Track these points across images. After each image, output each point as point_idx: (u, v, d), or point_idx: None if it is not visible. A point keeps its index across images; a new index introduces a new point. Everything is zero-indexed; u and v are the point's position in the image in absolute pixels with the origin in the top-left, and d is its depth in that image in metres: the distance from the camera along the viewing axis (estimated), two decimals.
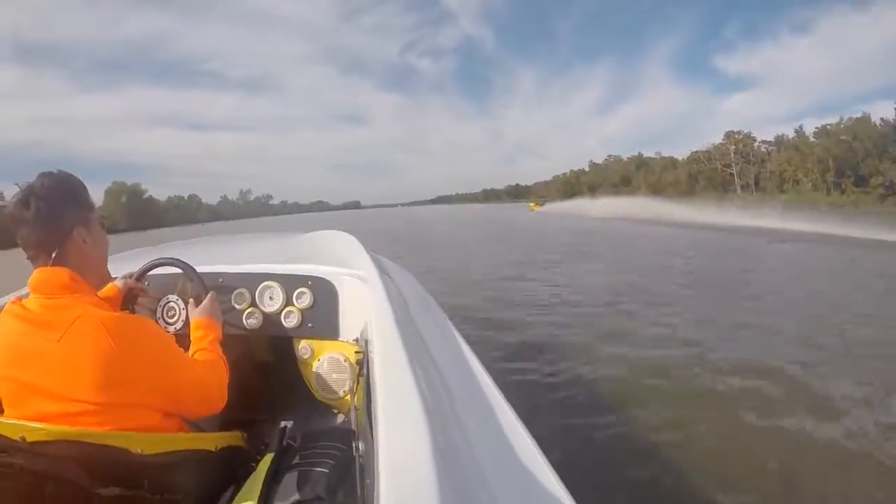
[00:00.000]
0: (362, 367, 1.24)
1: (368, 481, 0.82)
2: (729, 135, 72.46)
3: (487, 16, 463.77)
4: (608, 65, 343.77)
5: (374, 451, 0.71)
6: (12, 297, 1.10)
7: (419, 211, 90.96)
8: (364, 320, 1.37)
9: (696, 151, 76.73)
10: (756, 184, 65.97)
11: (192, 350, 1.21)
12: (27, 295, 0.95)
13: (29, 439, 0.78)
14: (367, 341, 1.26)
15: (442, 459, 0.63)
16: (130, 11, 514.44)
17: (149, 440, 0.89)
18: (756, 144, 69.90)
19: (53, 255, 0.94)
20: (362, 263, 1.61)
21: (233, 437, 1.15)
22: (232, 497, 0.96)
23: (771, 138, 68.84)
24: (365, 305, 1.38)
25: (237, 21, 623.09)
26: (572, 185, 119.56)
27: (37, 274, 0.93)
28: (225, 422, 1.28)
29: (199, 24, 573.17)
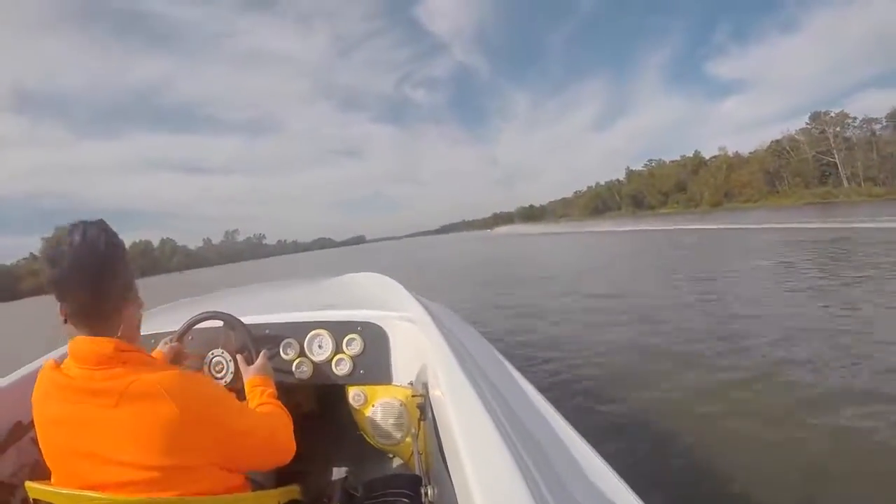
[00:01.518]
0: (424, 411, 1.19)
1: None
2: (816, 116, 58.44)
3: (479, 43, 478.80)
4: (601, 81, 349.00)
5: (452, 495, 0.72)
6: (46, 359, 0.99)
7: (426, 242, 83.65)
8: (418, 363, 1.38)
9: (777, 141, 62.25)
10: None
11: (252, 405, 1.18)
12: (63, 357, 0.88)
13: None
14: (424, 384, 1.24)
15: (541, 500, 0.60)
16: (130, 59, 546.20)
17: (215, 502, 0.86)
18: (854, 123, 55.59)
19: (111, 322, 0.88)
20: (409, 305, 1.58)
21: (291, 492, 1.11)
22: None
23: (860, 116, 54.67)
24: (417, 348, 1.38)
25: (234, 63, 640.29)
26: (604, 200, 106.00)
27: (82, 343, 0.85)
28: (280, 475, 1.26)
29: (197, 69, 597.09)
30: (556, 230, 49.14)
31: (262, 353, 1.37)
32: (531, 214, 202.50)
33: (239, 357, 1.37)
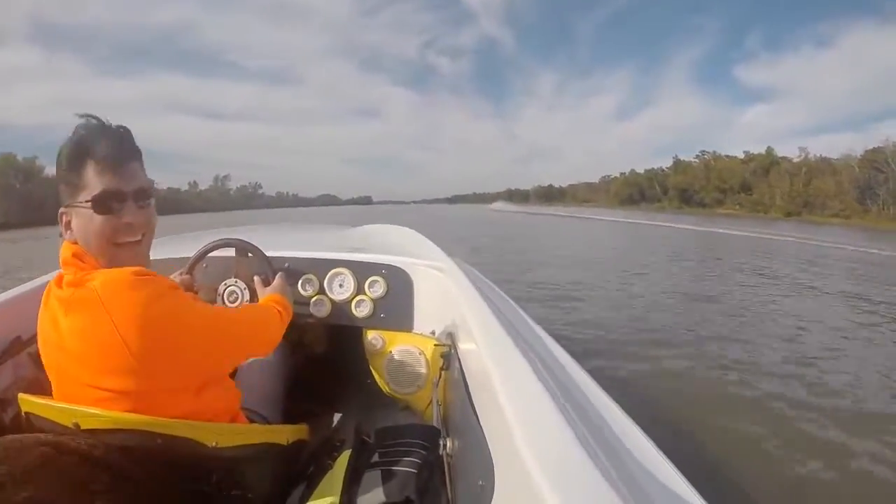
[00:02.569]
0: (448, 361, 1.15)
1: (465, 480, 0.78)
2: None
3: (508, 17, 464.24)
4: (628, 71, 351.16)
5: (482, 446, 0.67)
6: (42, 279, 1.02)
7: (439, 210, 74.27)
8: (443, 313, 1.36)
9: (876, 149, 51.88)
10: None
11: None
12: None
13: (83, 426, 0.70)
14: (450, 334, 1.24)
15: (593, 455, 0.54)
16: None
17: (223, 431, 0.81)
18: None
19: (62, 218, 0.85)
20: (437, 255, 1.55)
21: (299, 431, 1.09)
22: (307, 495, 0.91)
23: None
24: (444, 297, 1.36)
25: (260, 12, 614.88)
26: (642, 189, 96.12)
27: (62, 250, 0.83)
28: (287, 413, 1.24)
29: (223, 15, 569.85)
30: (583, 215, 44.88)
31: (279, 274, 1.32)
32: (549, 194, 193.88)
33: (256, 279, 1.32)
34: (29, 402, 0.78)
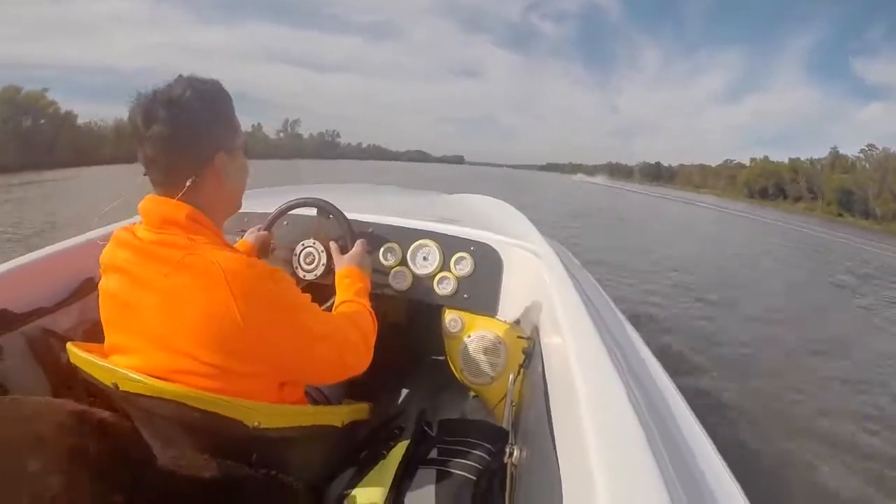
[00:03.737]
0: (530, 358, 1.05)
1: (527, 498, 0.72)
2: None
3: None
4: (737, 52, 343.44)
5: (551, 462, 0.60)
6: (123, 223, 0.98)
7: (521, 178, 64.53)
8: (531, 301, 1.24)
9: None
10: None
11: (337, 300, 1.08)
12: (138, 222, 0.82)
13: (122, 388, 0.69)
14: (535, 327, 1.11)
15: (672, 494, 0.48)
16: None
17: (270, 412, 0.75)
18: None
19: (188, 182, 0.77)
20: (533, 237, 1.44)
21: (359, 410, 1.04)
22: (355, 482, 0.88)
23: None
24: (536, 285, 1.24)
25: None
26: (781, 183, 79.28)
27: (150, 202, 0.79)
28: (351, 387, 1.21)
29: None
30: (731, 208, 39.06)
31: (358, 242, 1.25)
32: (656, 173, 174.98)
33: (333, 245, 1.27)
34: (74, 354, 0.77)
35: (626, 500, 0.46)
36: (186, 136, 0.77)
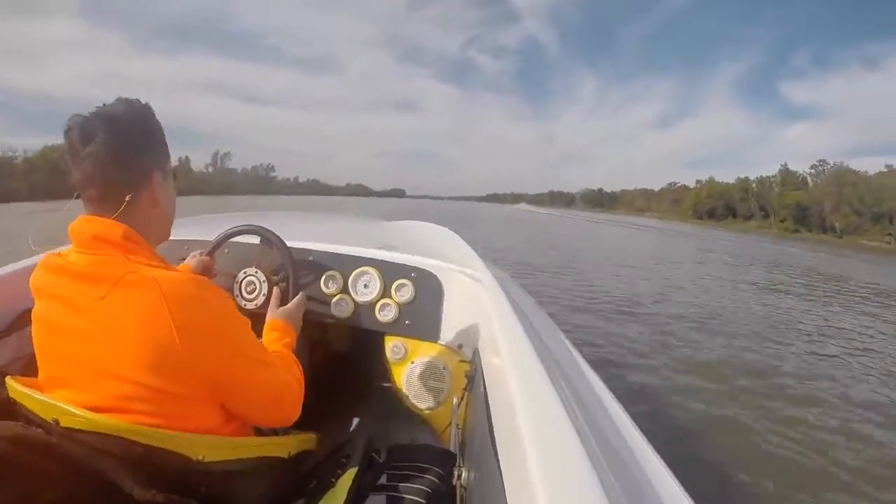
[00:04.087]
0: (472, 381, 1.09)
1: None
2: None
3: (554, 19, 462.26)
4: (671, 80, 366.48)
5: (496, 482, 0.60)
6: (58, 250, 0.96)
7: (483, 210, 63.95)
8: (473, 325, 1.28)
9: None
10: None
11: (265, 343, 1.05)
12: (67, 249, 0.78)
13: (62, 423, 0.66)
14: (476, 350, 1.16)
15: None
16: None
17: (214, 445, 0.73)
18: None
19: (127, 198, 0.75)
20: (473, 262, 1.43)
21: (307, 440, 1.03)
22: None
23: None
24: (475, 309, 1.26)
25: None
26: (730, 202, 79.37)
27: (82, 222, 0.74)
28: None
29: None
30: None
31: (300, 296, 1.22)
32: (597, 200, 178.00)
33: (275, 291, 1.26)
34: (13, 389, 0.73)
35: None
36: (126, 153, 0.75)
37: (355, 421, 1.42)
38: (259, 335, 0.92)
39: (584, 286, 8.47)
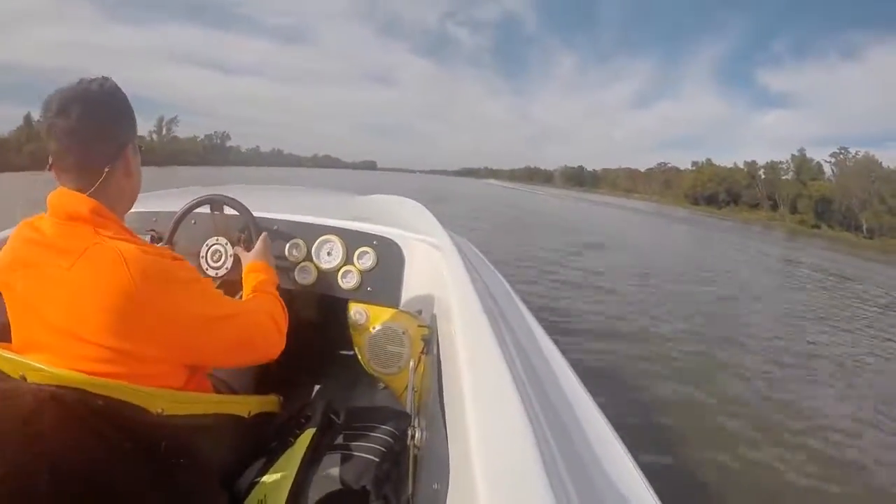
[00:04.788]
0: (428, 345, 1.13)
1: (427, 477, 0.75)
2: None
3: None
4: (650, 60, 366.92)
5: (444, 443, 0.64)
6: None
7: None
8: (432, 292, 1.30)
9: None
10: None
11: (245, 293, 1.10)
12: (42, 215, 0.82)
13: (29, 379, 0.70)
14: (434, 317, 1.18)
15: (549, 470, 0.51)
16: None
17: (172, 398, 0.77)
18: None
19: (106, 171, 0.80)
20: (435, 231, 1.48)
21: (268, 402, 1.05)
22: (263, 470, 0.90)
23: None
24: (435, 276, 1.29)
25: None
26: (732, 188, 73.60)
27: (60, 195, 0.79)
28: (260, 381, 1.22)
29: None
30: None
31: (262, 236, 1.25)
32: (578, 178, 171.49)
33: (238, 248, 1.28)
34: None
35: (504, 477, 0.48)
36: (103, 127, 0.80)
37: (317, 388, 1.43)
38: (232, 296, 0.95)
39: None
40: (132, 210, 0.91)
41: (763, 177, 68.90)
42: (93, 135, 0.78)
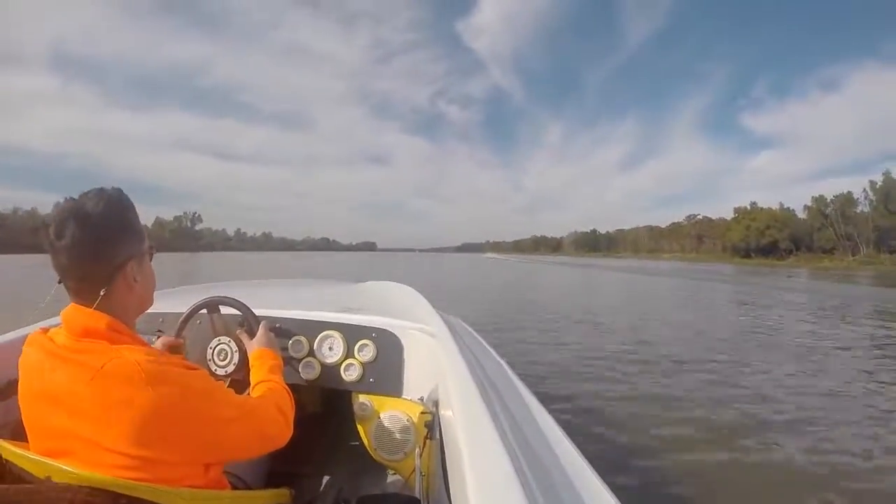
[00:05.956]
0: (431, 430, 1.17)
1: None
2: None
3: (517, 67, 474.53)
4: (635, 120, 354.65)
5: None
6: (39, 326, 1.04)
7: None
8: (431, 379, 1.34)
9: None
10: None
11: (252, 381, 1.14)
12: (56, 326, 0.85)
13: (55, 479, 0.72)
14: (435, 402, 1.23)
15: None
16: (173, 35, 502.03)
17: (192, 497, 0.80)
18: None
19: (102, 292, 0.81)
20: (429, 318, 1.53)
21: (280, 495, 1.07)
22: None
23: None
24: (433, 363, 1.34)
25: (276, 55, 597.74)
26: (795, 230, 61.60)
27: (73, 311, 0.81)
28: (271, 474, 1.28)
29: (239, 55, 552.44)
30: None
31: (262, 325, 1.32)
32: (591, 242, 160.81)
33: (241, 333, 1.35)
34: (6, 450, 0.78)
35: None
36: (98, 248, 0.80)
37: (326, 478, 1.48)
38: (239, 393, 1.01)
39: None
40: None
41: (834, 214, 56.86)
42: (88, 256, 0.78)
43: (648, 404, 4.48)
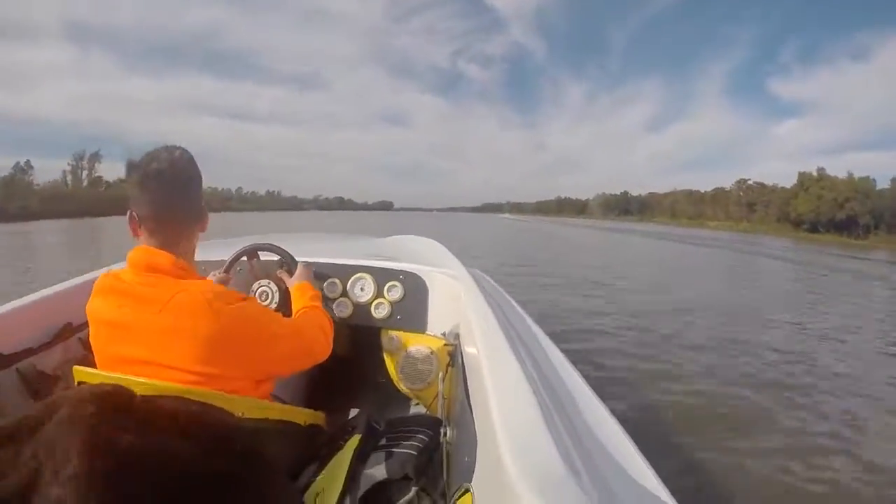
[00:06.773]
0: (453, 359, 1.29)
1: (458, 467, 0.92)
2: None
3: (540, 25, 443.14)
4: (659, 82, 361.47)
5: (473, 437, 0.80)
6: (102, 271, 1.11)
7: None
8: (453, 316, 1.46)
9: None
10: None
11: (295, 308, 1.26)
12: (121, 268, 0.94)
13: (138, 392, 0.78)
14: (457, 335, 1.36)
15: (566, 459, 0.61)
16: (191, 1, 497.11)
17: (250, 404, 0.91)
18: None
19: (192, 231, 0.97)
20: (452, 264, 1.68)
21: (317, 416, 1.18)
22: (316, 473, 1.00)
23: None
24: (455, 302, 1.46)
25: (292, 16, 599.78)
26: (851, 210, 51.15)
27: (143, 252, 0.91)
28: (310, 399, 1.38)
29: (254, 18, 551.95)
30: None
31: (300, 264, 1.44)
32: (622, 205, 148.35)
33: (281, 273, 1.44)
34: (83, 373, 0.85)
35: (527, 467, 0.57)
36: (188, 192, 0.93)
37: (358, 409, 1.51)
38: None
39: None
40: None
41: None
42: (183, 199, 0.92)
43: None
